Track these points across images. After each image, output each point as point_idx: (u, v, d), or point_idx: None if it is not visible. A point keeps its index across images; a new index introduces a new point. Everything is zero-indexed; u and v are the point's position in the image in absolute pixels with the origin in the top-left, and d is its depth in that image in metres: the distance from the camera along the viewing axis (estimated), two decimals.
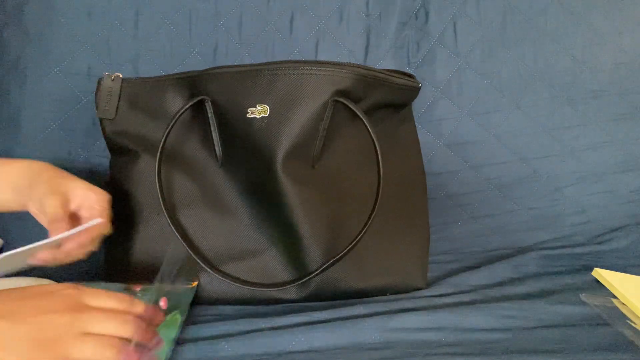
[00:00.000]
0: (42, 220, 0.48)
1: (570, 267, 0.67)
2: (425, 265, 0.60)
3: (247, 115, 0.54)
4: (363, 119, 0.53)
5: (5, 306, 0.33)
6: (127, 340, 0.35)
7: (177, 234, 0.54)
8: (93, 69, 0.73)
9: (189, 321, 0.50)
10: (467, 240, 0.75)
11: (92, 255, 0.68)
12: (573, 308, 0.54)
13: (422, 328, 0.50)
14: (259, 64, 0.54)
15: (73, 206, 0.49)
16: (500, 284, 0.61)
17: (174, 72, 0.62)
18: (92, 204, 0.49)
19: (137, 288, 0.51)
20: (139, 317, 0.37)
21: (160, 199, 0.55)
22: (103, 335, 0.34)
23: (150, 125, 0.59)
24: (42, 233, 0.70)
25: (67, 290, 0.35)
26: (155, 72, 0.74)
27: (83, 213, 0.50)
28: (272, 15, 0.77)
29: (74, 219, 0.49)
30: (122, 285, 0.51)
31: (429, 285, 0.60)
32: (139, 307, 0.38)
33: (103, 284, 0.53)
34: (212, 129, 0.56)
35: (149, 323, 0.38)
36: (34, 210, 0.49)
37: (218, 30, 0.76)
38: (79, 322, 0.34)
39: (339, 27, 0.78)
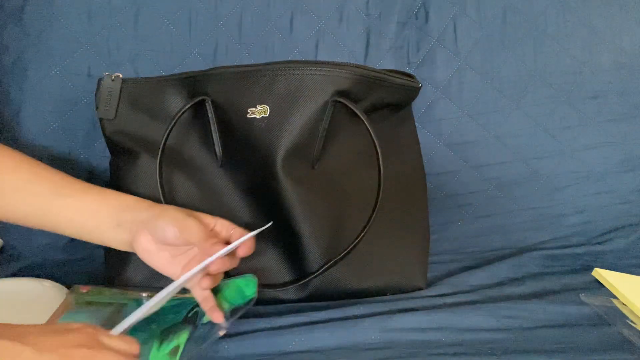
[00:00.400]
0: (155, 257, 0.45)
1: (570, 267, 0.67)
2: (425, 265, 0.60)
3: (247, 116, 0.54)
4: (363, 119, 0.53)
5: (29, 338, 0.34)
6: None
7: None
8: (93, 69, 0.73)
9: None
10: (467, 240, 0.75)
11: (92, 256, 0.68)
12: (573, 308, 0.54)
13: (422, 328, 0.50)
14: (259, 64, 0.54)
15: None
16: (500, 284, 0.61)
17: (174, 72, 0.62)
18: (222, 223, 0.47)
19: (144, 294, 0.51)
20: None
21: (162, 199, 0.55)
22: None
23: (151, 126, 0.59)
24: (42, 233, 0.70)
25: (86, 329, 0.37)
26: (155, 72, 0.74)
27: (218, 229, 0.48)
28: (272, 15, 0.77)
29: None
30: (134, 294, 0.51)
31: (429, 285, 0.60)
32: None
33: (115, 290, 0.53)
34: (212, 129, 0.56)
35: None
36: (145, 245, 0.45)
37: (218, 30, 0.76)
38: (95, 358, 0.35)
39: (339, 27, 0.78)
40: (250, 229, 0.47)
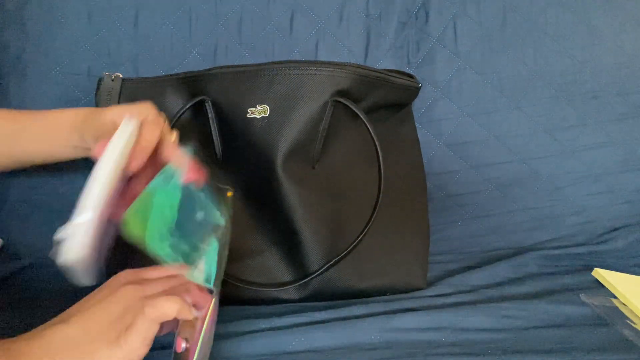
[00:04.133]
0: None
1: (570, 267, 0.67)
2: (425, 265, 0.60)
3: (247, 116, 0.54)
4: (363, 118, 0.53)
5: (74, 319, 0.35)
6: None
7: None
8: (93, 69, 0.73)
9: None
10: (467, 240, 0.75)
11: None
12: (573, 308, 0.54)
13: (422, 328, 0.50)
14: (259, 64, 0.54)
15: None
16: (500, 284, 0.61)
17: (174, 72, 0.62)
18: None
19: None
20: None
21: None
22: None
23: None
24: (42, 233, 0.70)
25: (121, 277, 0.39)
26: (155, 72, 0.74)
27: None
28: (272, 15, 0.77)
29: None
30: None
31: (429, 285, 0.60)
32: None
33: None
34: (212, 129, 0.56)
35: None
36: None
37: (218, 30, 0.76)
38: (141, 290, 0.37)
39: (339, 27, 0.78)
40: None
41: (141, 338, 0.35)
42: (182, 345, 0.39)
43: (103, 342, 0.34)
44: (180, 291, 0.39)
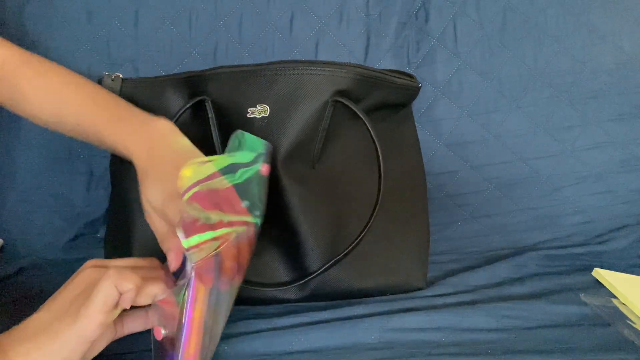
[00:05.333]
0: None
1: (570, 267, 0.67)
2: (425, 265, 0.60)
3: (247, 115, 0.54)
4: (364, 119, 0.53)
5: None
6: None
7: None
8: (93, 69, 0.73)
9: None
10: (467, 240, 0.75)
11: (92, 256, 0.68)
12: (573, 308, 0.54)
13: (422, 328, 0.50)
14: (259, 64, 0.54)
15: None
16: (500, 284, 0.61)
17: (174, 72, 0.62)
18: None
19: None
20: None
21: None
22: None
23: None
24: (42, 233, 0.70)
25: (86, 264, 0.41)
26: (155, 72, 0.74)
27: None
28: (272, 15, 0.77)
29: None
30: None
31: (429, 285, 0.60)
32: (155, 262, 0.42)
33: None
34: (212, 129, 0.56)
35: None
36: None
37: (218, 30, 0.76)
38: (101, 270, 0.39)
39: (339, 27, 0.78)
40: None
41: (100, 304, 0.36)
42: (161, 331, 0.39)
43: (67, 317, 0.36)
44: (146, 277, 0.39)
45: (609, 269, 0.63)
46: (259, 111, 0.54)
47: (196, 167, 0.41)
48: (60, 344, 0.35)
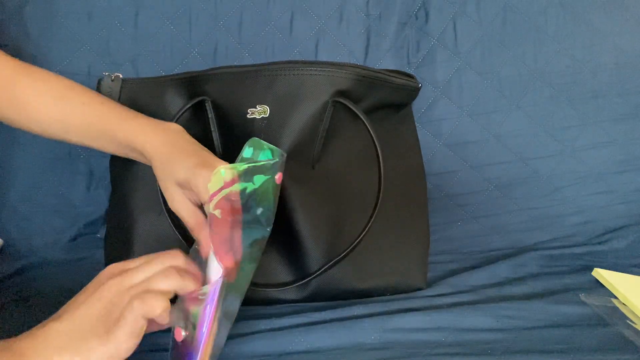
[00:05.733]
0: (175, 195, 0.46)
1: (570, 267, 0.67)
2: (425, 265, 0.60)
3: (247, 116, 0.54)
4: (363, 119, 0.53)
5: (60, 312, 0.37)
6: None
7: (178, 234, 0.54)
8: (93, 69, 0.73)
9: None
10: (467, 240, 0.75)
11: (92, 256, 0.68)
12: (573, 308, 0.54)
13: (422, 328, 0.50)
14: (259, 64, 0.54)
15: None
16: (500, 284, 0.61)
17: (174, 72, 0.62)
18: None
19: None
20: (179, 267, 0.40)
21: (161, 199, 0.55)
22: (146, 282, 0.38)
23: None
24: (42, 233, 0.70)
25: (106, 272, 0.39)
26: (155, 72, 0.74)
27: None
28: (272, 15, 0.77)
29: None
30: None
31: (429, 285, 0.60)
32: (179, 259, 0.41)
33: None
34: (212, 129, 0.56)
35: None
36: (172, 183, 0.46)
37: (218, 30, 0.76)
38: (123, 282, 0.38)
39: (339, 27, 0.78)
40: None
41: (129, 332, 0.35)
42: (181, 333, 0.39)
43: (93, 336, 0.35)
44: (159, 278, 0.39)
45: (609, 269, 0.63)
46: (259, 112, 0.54)
47: (226, 170, 0.43)
48: None
